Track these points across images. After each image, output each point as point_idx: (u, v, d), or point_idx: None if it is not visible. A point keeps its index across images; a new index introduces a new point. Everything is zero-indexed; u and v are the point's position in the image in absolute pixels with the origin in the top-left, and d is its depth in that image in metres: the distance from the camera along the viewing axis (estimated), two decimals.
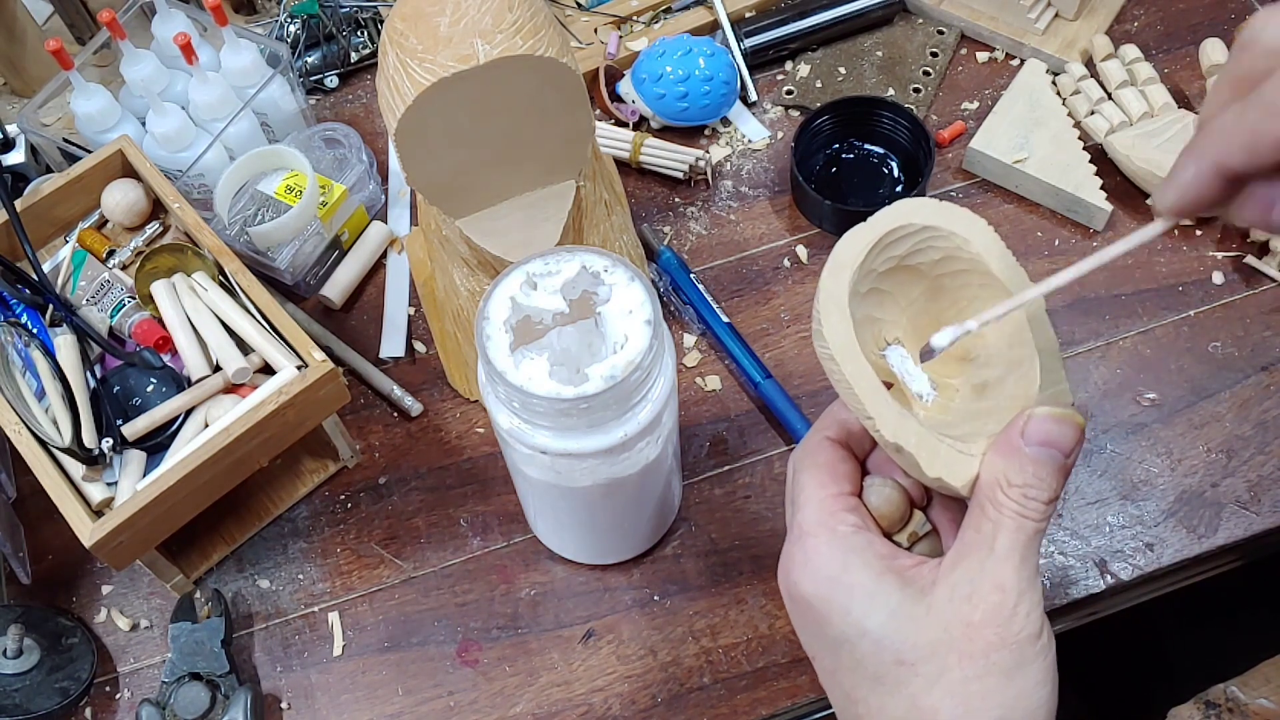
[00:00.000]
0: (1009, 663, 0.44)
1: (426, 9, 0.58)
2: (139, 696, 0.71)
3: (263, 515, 0.76)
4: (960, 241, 0.51)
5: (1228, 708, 0.74)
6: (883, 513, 0.49)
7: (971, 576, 0.44)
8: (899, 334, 0.54)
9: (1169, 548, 0.72)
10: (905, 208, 0.52)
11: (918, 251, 0.53)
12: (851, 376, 0.48)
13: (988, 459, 0.46)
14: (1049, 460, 0.44)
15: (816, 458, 0.50)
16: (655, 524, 0.72)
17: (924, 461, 0.46)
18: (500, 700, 0.69)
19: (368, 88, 0.96)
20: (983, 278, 0.51)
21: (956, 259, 0.52)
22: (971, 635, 0.44)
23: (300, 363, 0.69)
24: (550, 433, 0.57)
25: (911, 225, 0.52)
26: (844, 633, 0.46)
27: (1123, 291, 0.81)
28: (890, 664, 0.45)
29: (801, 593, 0.47)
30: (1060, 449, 0.45)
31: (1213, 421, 0.76)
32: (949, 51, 0.93)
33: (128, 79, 0.85)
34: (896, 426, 0.47)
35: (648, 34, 0.94)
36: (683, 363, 0.81)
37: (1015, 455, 0.45)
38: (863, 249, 0.51)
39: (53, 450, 0.66)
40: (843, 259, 0.50)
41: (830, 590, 0.46)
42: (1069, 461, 0.45)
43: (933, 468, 0.46)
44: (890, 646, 0.45)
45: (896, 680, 0.45)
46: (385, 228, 0.87)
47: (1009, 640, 0.43)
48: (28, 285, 0.74)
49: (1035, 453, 0.44)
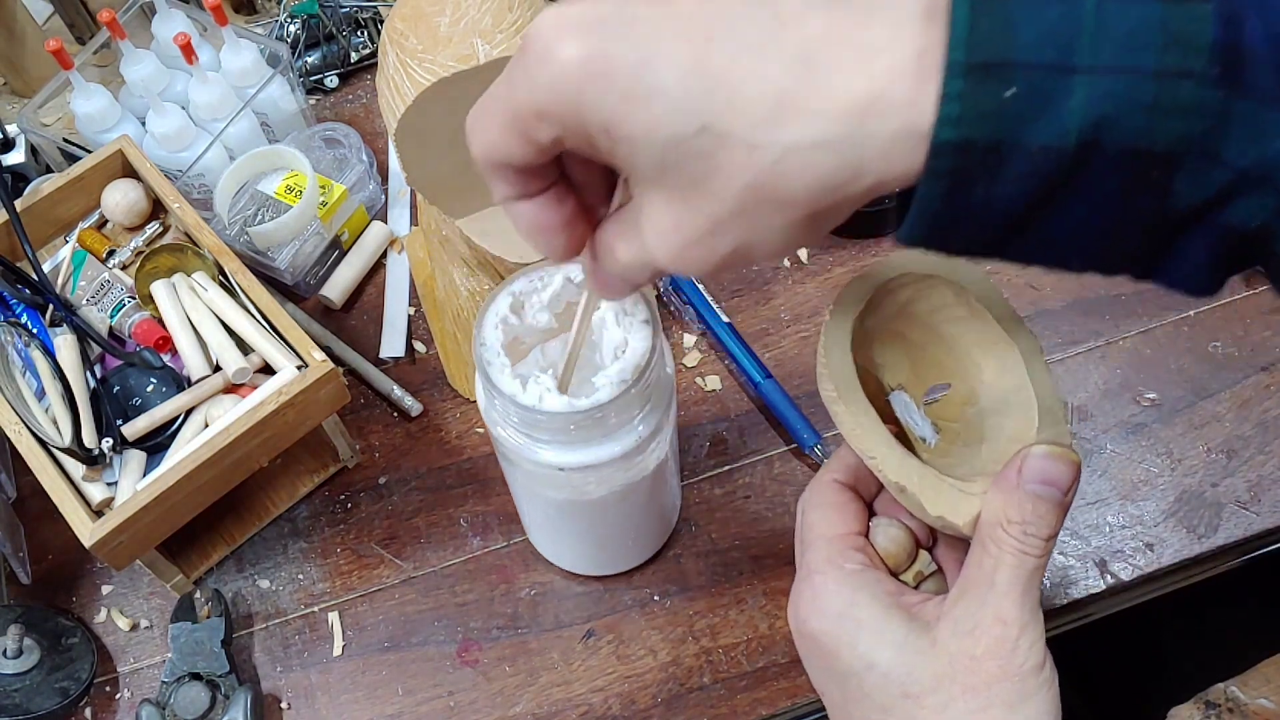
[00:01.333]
0: (1012, 695, 0.44)
1: (426, 9, 0.58)
2: (139, 696, 0.71)
3: (263, 515, 0.76)
4: (959, 290, 0.53)
5: (1228, 708, 0.74)
6: (889, 552, 0.50)
7: (974, 611, 0.45)
8: (901, 379, 0.56)
9: (1169, 548, 0.72)
10: (908, 256, 0.53)
11: (919, 299, 0.54)
12: (855, 418, 0.49)
13: (988, 498, 0.46)
14: (1047, 497, 0.45)
15: (824, 499, 0.51)
16: (660, 529, 0.72)
17: (927, 501, 0.47)
18: (500, 700, 0.69)
19: (368, 88, 0.96)
20: (983, 324, 0.53)
21: (956, 307, 0.53)
22: (975, 668, 0.44)
23: (300, 363, 0.69)
24: (563, 448, 0.57)
25: (914, 274, 0.53)
26: (852, 666, 0.46)
27: (1123, 291, 0.81)
28: (897, 696, 0.46)
29: (810, 629, 0.48)
30: (1058, 486, 0.45)
31: (1213, 421, 0.76)
32: None
33: (128, 79, 0.85)
34: (900, 467, 0.48)
35: None
36: (683, 363, 0.81)
37: (1014, 493, 0.45)
38: (865, 294, 0.52)
39: (53, 450, 0.66)
40: (846, 303, 0.51)
41: (838, 625, 0.47)
42: (1067, 499, 0.46)
43: (935, 506, 0.47)
44: (897, 679, 0.45)
45: (903, 712, 0.46)
46: (385, 228, 0.87)
47: (1011, 673, 0.44)
48: (28, 285, 0.74)
49: (1033, 489, 0.45)
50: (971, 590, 0.45)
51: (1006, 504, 0.45)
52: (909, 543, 0.51)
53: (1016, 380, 0.52)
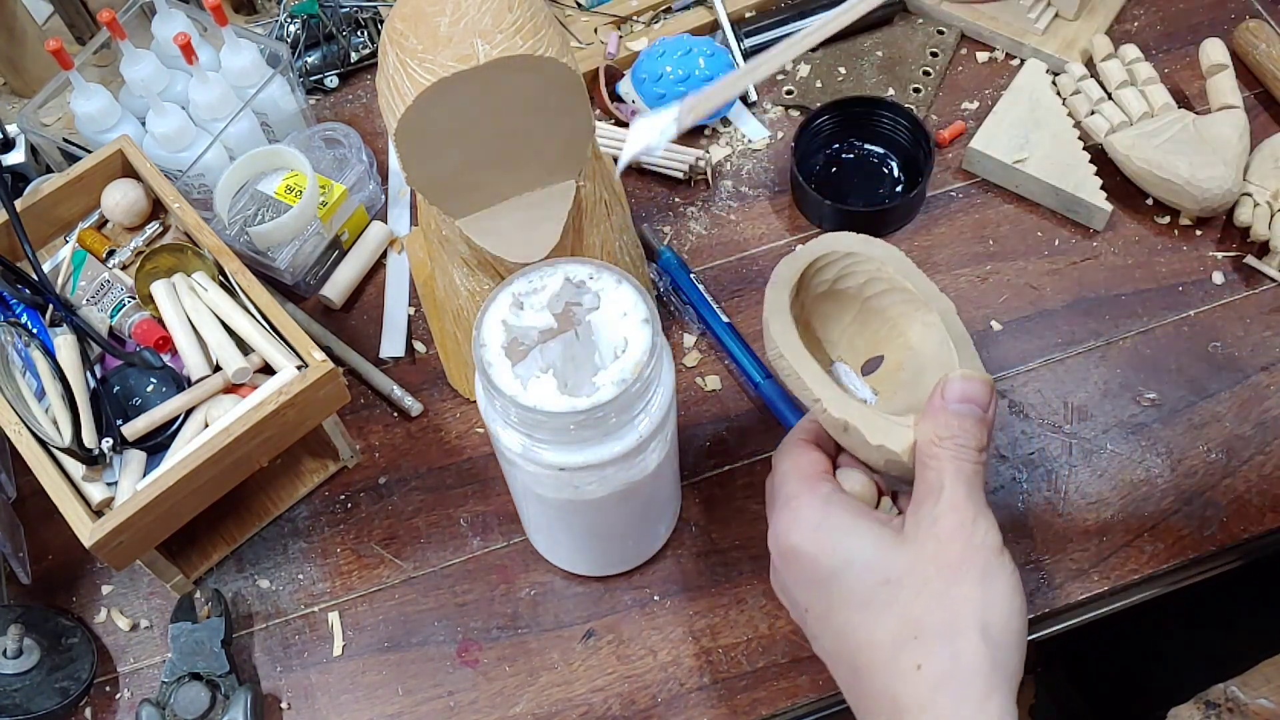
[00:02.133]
0: (979, 570, 0.50)
1: (426, 9, 0.58)
2: (139, 696, 0.71)
3: (263, 515, 0.76)
4: (879, 265, 0.62)
5: (1228, 708, 0.74)
6: (856, 493, 0.56)
7: (931, 510, 0.52)
8: (840, 353, 0.65)
9: (1169, 548, 0.72)
10: (829, 238, 0.63)
11: (845, 276, 0.63)
12: (798, 368, 0.57)
13: (920, 425, 0.54)
14: (969, 413, 0.53)
15: (793, 452, 0.58)
16: (661, 529, 0.72)
17: (867, 433, 0.55)
18: (500, 700, 0.69)
19: (368, 88, 0.96)
20: (903, 294, 0.62)
21: (878, 280, 0.62)
22: (941, 551, 0.51)
23: (300, 363, 0.69)
24: (564, 448, 0.57)
25: (836, 252, 0.62)
26: (832, 566, 0.52)
27: (1123, 291, 0.81)
28: (876, 585, 0.51)
29: (791, 543, 0.54)
30: (977, 403, 0.53)
31: (1213, 421, 0.76)
32: (949, 51, 0.93)
33: (128, 79, 0.85)
34: (842, 406, 0.56)
35: (648, 34, 0.94)
36: (683, 363, 0.81)
37: (940, 414, 0.53)
38: (798, 269, 0.61)
39: (53, 450, 0.66)
40: (781, 276, 0.61)
41: (816, 534, 0.53)
42: (988, 415, 0.54)
43: (874, 437, 0.55)
44: (876, 568, 0.51)
45: (884, 600, 0.51)
46: (385, 228, 0.87)
47: (975, 549, 0.51)
48: (28, 285, 0.74)
49: (956, 409, 0.53)
50: (925, 500, 0.52)
51: (935, 425, 0.53)
52: (872, 488, 0.57)
53: (937, 338, 0.60)
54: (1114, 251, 0.83)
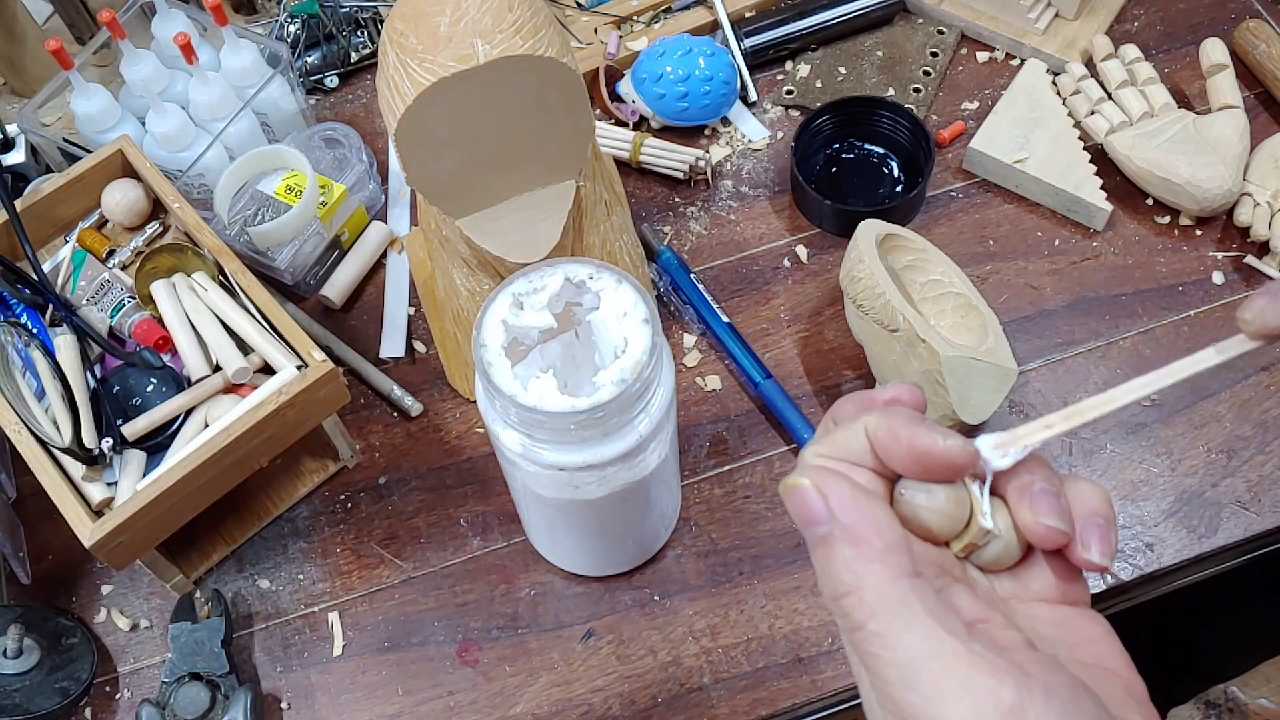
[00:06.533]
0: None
1: (426, 9, 0.58)
2: (139, 696, 0.71)
3: (263, 515, 0.76)
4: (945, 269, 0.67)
5: (1228, 708, 0.74)
6: (933, 521, 0.37)
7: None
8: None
9: (1169, 548, 0.72)
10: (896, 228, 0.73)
11: (912, 267, 0.66)
12: (889, 294, 0.66)
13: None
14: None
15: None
16: (661, 529, 0.72)
17: (920, 330, 0.65)
18: (500, 700, 0.69)
19: (368, 88, 0.96)
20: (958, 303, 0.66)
21: (940, 284, 0.65)
22: None
23: (300, 363, 0.69)
24: (564, 448, 0.57)
25: (916, 241, 0.67)
26: None
27: (1123, 291, 0.81)
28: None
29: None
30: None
31: (1213, 421, 0.76)
32: (949, 51, 0.93)
33: (128, 79, 0.85)
34: (918, 322, 0.65)
35: (648, 34, 0.94)
36: (683, 363, 0.81)
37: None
38: (881, 233, 0.70)
39: (53, 450, 0.66)
40: (871, 228, 0.71)
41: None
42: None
43: (926, 333, 0.64)
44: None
45: None
46: (385, 228, 0.87)
47: None
48: (28, 285, 0.74)
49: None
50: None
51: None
52: (952, 509, 0.37)
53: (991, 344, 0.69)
54: (1114, 251, 0.83)
